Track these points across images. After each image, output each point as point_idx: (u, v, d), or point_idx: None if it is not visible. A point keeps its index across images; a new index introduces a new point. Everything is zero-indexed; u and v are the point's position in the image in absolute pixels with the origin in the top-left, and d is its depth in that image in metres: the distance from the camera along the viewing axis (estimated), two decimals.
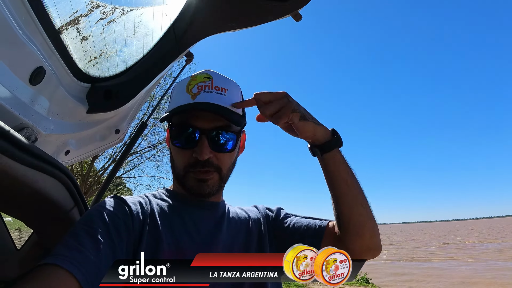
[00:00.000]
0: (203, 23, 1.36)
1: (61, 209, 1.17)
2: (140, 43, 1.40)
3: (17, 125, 1.00)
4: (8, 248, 1.61)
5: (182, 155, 0.99)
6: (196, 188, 0.98)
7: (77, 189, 1.20)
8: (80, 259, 0.71)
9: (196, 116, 0.97)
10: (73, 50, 1.16)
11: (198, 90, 0.98)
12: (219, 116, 0.96)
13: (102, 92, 1.33)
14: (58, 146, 1.34)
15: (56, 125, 1.22)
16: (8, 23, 0.83)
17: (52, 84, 1.10)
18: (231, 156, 1.03)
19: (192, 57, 1.64)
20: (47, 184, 1.00)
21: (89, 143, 1.57)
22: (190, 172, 0.98)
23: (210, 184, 0.99)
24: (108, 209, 0.88)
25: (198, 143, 0.95)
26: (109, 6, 1.19)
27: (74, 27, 1.12)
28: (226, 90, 1.01)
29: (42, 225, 1.33)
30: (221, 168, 1.00)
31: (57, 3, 1.02)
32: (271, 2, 1.24)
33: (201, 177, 0.97)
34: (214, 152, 0.97)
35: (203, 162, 0.96)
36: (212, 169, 0.98)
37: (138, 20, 1.33)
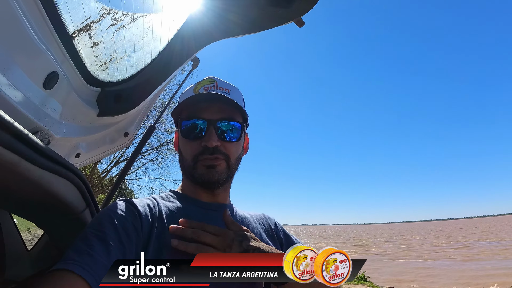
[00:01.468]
0: (209, 29, 1.39)
1: (73, 211, 1.19)
2: (149, 48, 1.43)
3: (31, 129, 1.03)
4: (19, 248, 1.64)
5: (191, 146, 1.04)
6: (206, 175, 1.01)
7: (89, 191, 1.22)
8: (90, 263, 0.73)
9: (202, 109, 1.02)
10: (84, 55, 1.19)
11: (205, 90, 1.06)
12: (225, 105, 1.02)
13: (112, 96, 1.36)
14: (69, 149, 1.36)
15: (68, 128, 1.25)
16: (25, 29, 0.87)
17: (65, 88, 1.13)
18: (237, 147, 1.08)
19: (198, 62, 1.68)
20: (61, 186, 1.02)
21: (99, 146, 1.59)
22: (199, 160, 1.02)
23: (219, 170, 1.02)
24: (117, 213, 0.91)
25: (206, 133, 1.01)
26: (120, 13, 1.22)
27: (86, 32, 1.16)
28: (229, 91, 1.09)
29: (54, 226, 1.35)
30: (229, 156, 1.04)
31: (71, 9, 1.05)
32: (275, 9, 1.26)
33: (210, 163, 1.01)
34: (221, 141, 1.02)
35: (212, 149, 1.00)
36: (221, 156, 1.02)
37: (147, 26, 1.36)
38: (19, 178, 0.80)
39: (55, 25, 1.00)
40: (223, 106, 1.03)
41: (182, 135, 1.06)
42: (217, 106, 1.03)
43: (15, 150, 0.70)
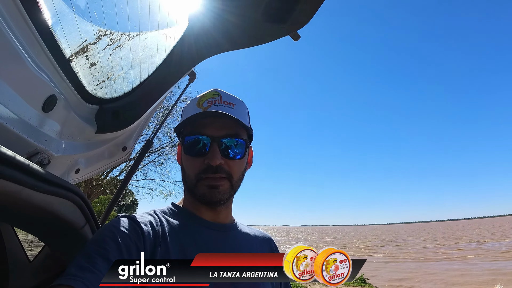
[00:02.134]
0: (205, 44, 1.40)
1: (73, 227, 1.22)
2: (145, 64, 1.45)
3: (31, 151, 1.06)
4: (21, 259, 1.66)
5: (194, 164, 1.02)
6: (207, 195, 1.00)
7: (88, 207, 1.25)
8: (92, 280, 0.73)
9: (206, 125, 1.01)
10: (82, 75, 1.22)
11: (209, 104, 1.04)
12: (229, 121, 1.00)
13: (110, 113, 1.38)
14: (69, 166, 1.39)
15: (67, 146, 1.27)
16: (22, 57, 0.89)
17: (63, 109, 1.16)
18: (241, 164, 1.05)
19: (195, 76, 1.69)
20: (62, 206, 1.05)
21: (98, 161, 1.62)
22: (202, 179, 1.00)
23: (221, 190, 1.00)
24: (120, 230, 0.90)
25: (209, 150, 0.99)
26: (116, 33, 1.24)
27: (83, 54, 1.18)
28: (234, 105, 1.07)
29: (55, 240, 1.37)
30: (232, 175, 1.02)
31: (67, 34, 1.08)
32: (271, 24, 1.28)
33: (212, 184, 0.99)
34: (225, 159, 1.00)
35: (215, 168, 0.98)
36: (224, 175, 1.00)
37: (143, 43, 1.38)
38: (21, 204, 0.83)
39: (52, 50, 1.02)
40: (227, 122, 1.01)
41: (185, 151, 1.04)
42: (221, 122, 1.01)
43: (17, 181, 0.74)
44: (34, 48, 0.96)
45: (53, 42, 1.02)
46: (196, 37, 1.39)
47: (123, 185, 1.76)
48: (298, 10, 1.19)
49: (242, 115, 1.07)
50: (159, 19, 1.38)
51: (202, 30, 1.38)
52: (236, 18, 1.28)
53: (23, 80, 0.94)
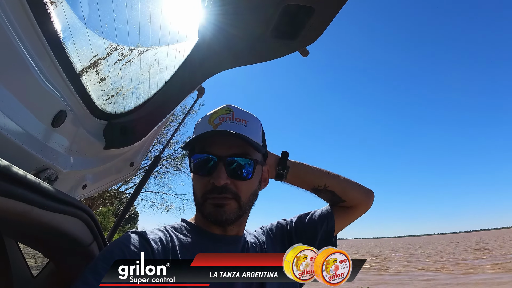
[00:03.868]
0: (214, 59, 1.40)
1: (80, 244, 1.20)
2: (155, 79, 1.45)
3: (39, 167, 1.04)
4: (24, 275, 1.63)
5: (201, 183, 0.99)
6: (213, 214, 0.97)
7: (96, 225, 1.23)
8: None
9: (214, 143, 0.98)
10: (92, 90, 1.21)
11: (220, 121, 1.01)
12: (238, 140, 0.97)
13: (118, 128, 1.37)
14: (76, 181, 1.37)
15: (75, 162, 1.25)
16: (33, 72, 0.88)
17: (72, 124, 1.15)
18: (250, 185, 1.02)
19: (203, 91, 1.68)
20: (70, 223, 1.03)
21: (105, 177, 1.60)
22: (208, 198, 0.98)
23: (227, 210, 0.97)
24: (128, 247, 0.88)
25: (215, 169, 0.96)
26: (127, 48, 1.24)
27: (93, 69, 1.17)
28: (247, 122, 1.03)
29: (61, 257, 1.35)
30: (240, 195, 0.99)
31: (78, 49, 1.07)
32: (280, 41, 1.28)
33: (218, 202, 0.97)
34: (232, 179, 0.97)
35: (220, 188, 0.95)
36: (230, 195, 0.97)
37: (153, 58, 1.37)
38: (31, 223, 0.82)
39: (63, 65, 1.02)
40: (236, 140, 0.97)
41: (192, 169, 1.02)
42: (230, 140, 0.98)
43: (28, 201, 0.73)
44: (45, 62, 0.95)
45: (64, 56, 1.02)
46: (205, 52, 1.39)
47: (130, 201, 1.73)
48: (307, 27, 1.19)
49: (254, 132, 1.04)
50: (170, 34, 1.37)
51: (212, 46, 1.37)
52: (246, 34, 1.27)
53: (33, 95, 0.93)
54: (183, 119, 1.93)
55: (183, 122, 2.58)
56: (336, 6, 1.10)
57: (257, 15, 1.16)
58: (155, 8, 1.22)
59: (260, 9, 1.13)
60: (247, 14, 1.16)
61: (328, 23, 1.18)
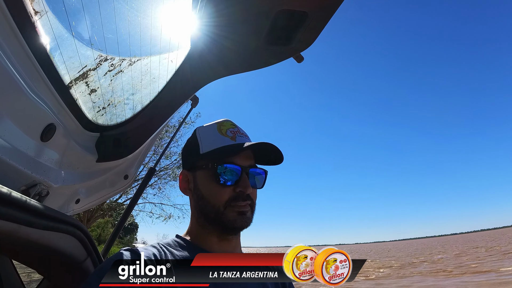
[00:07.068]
0: (208, 68, 1.38)
1: (74, 261, 1.18)
2: (147, 90, 1.42)
3: (29, 183, 1.01)
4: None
5: (223, 192, 1.01)
6: (238, 221, 1.00)
7: (90, 241, 1.20)
8: None
9: (237, 156, 1.03)
10: (82, 102, 1.18)
11: (233, 134, 1.06)
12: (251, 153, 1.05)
13: (111, 141, 1.34)
14: (69, 196, 1.34)
15: (67, 176, 1.22)
16: (19, 85, 0.86)
17: (63, 138, 1.12)
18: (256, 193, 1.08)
19: (197, 100, 1.66)
20: (61, 241, 1.01)
21: (99, 190, 1.57)
22: (231, 206, 1.00)
23: (249, 216, 1.02)
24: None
25: (241, 178, 1.00)
26: (117, 58, 1.21)
27: (83, 80, 1.14)
28: (248, 136, 1.10)
29: (55, 275, 1.32)
30: (255, 203, 1.05)
31: (66, 60, 1.04)
32: (274, 47, 1.26)
33: (242, 210, 1.00)
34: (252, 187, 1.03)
35: (245, 196, 1.00)
36: (250, 202, 1.02)
37: (145, 68, 1.35)
38: (20, 241, 0.80)
39: (50, 77, 0.99)
40: (249, 152, 1.05)
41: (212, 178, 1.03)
42: (247, 152, 1.04)
43: (14, 219, 0.71)
44: (32, 74, 0.93)
45: (52, 68, 0.99)
46: (199, 61, 1.36)
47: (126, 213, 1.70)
48: (301, 32, 1.17)
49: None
50: (161, 43, 1.35)
51: (205, 53, 1.35)
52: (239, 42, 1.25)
53: (20, 109, 0.90)
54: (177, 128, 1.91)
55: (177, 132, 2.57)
56: (330, 9, 1.09)
57: (250, 21, 1.14)
58: (144, 17, 1.20)
59: (253, 16, 1.12)
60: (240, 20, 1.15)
61: (322, 27, 1.16)
